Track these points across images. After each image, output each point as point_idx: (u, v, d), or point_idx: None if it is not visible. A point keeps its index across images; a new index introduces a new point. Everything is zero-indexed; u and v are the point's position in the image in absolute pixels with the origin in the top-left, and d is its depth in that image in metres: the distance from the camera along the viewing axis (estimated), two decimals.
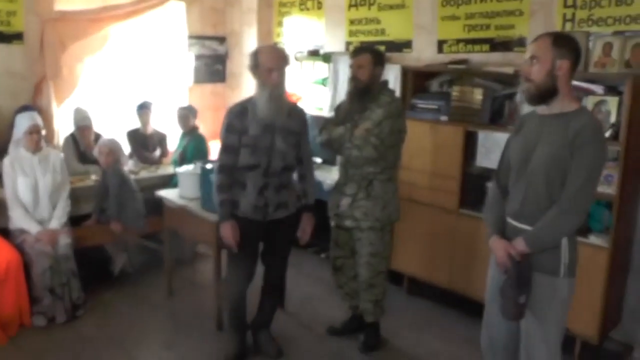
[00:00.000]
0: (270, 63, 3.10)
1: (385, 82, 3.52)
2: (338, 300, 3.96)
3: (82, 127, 4.98)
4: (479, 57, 4.34)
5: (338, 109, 3.61)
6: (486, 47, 4.32)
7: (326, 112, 5.31)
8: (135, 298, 4.39)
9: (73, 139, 5.01)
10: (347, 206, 3.48)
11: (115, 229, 4.49)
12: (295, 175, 3.44)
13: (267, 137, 3.17)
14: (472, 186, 4.10)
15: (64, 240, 4.07)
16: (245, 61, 3.24)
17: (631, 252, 3.70)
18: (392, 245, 3.61)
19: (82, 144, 5.01)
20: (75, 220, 4.48)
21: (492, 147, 3.84)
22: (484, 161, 3.93)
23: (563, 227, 2.31)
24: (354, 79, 3.43)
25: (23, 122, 4.12)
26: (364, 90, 3.40)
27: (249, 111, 3.19)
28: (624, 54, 3.43)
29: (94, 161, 4.85)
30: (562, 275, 2.35)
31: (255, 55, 3.16)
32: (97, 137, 5.03)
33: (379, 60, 3.43)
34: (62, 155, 4.48)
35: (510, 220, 2.49)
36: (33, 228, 4.03)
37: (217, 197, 3.24)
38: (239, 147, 3.18)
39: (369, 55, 3.40)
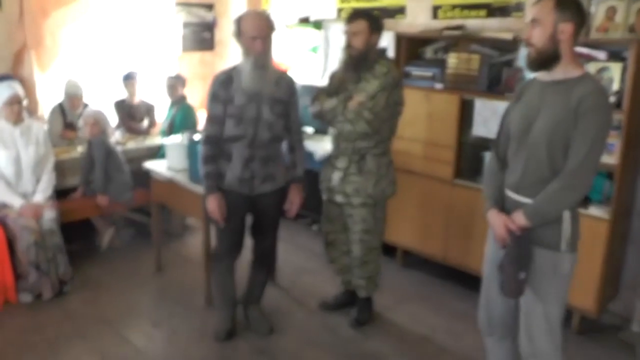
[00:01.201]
0: (253, 31, 2.92)
1: (383, 51, 3.29)
2: (330, 273, 3.86)
3: (73, 96, 4.82)
4: (476, 22, 4.17)
5: (332, 77, 3.39)
6: (483, 12, 4.14)
7: (318, 80, 5.15)
8: (123, 273, 4.28)
9: (61, 109, 4.85)
10: (339, 181, 3.34)
11: (102, 202, 4.37)
12: (284, 146, 3.30)
13: (252, 106, 3.02)
14: (468, 156, 3.99)
15: (49, 214, 3.93)
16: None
17: (631, 224, 3.60)
18: (385, 220, 3.49)
19: (70, 114, 4.86)
20: (61, 193, 4.36)
21: (489, 116, 3.71)
22: (481, 130, 3.80)
23: (566, 199, 2.18)
24: (348, 47, 3.21)
25: (2, 92, 3.93)
26: (360, 59, 3.19)
27: (234, 80, 3.03)
28: (628, 18, 3.27)
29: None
30: (564, 250, 2.24)
31: (239, 22, 2.98)
32: (85, 107, 4.88)
33: (376, 27, 3.20)
34: (45, 126, 4.31)
35: (509, 193, 2.36)
36: (16, 202, 3.89)
37: (203, 169, 3.11)
38: (224, 117, 3.04)
39: (365, 22, 3.16)
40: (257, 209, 3.26)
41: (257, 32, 2.93)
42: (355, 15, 3.22)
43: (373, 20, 3.21)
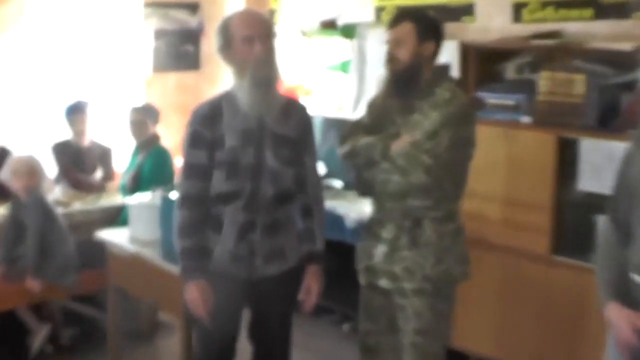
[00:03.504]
0: (247, 29, 3.00)
1: (444, 69, 3.33)
2: None
3: None
4: (578, 27, 4.23)
5: (371, 107, 3.43)
6: (588, 12, 4.19)
7: (349, 111, 5.19)
8: None
9: None
10: (383, 257, 3.31)
11: (33, 287, 4.36)
12: (297, 208, 3.30)
13: (250, 150, 3.03)
14: (572, 221, 3.99)
15: None
16: None
17: None
18: (452, 317, 3.44)
19: None
20: None
21: (602, 163, 3.71)
22: (590, 184, 3.81)
23: None
24: (391, 61, 3.23)
25: None
26: (407, 79, 3.19)
27: (223, 113, 3.07)
28: None
29: None
30: None
31: (226, 27, 3.08)
32: (4, 153, 4.92)
33: (428, 32, 3.20)
34: None
35: (637, 278, 2.34)
36: None
37: (179, 245, 3.11)
38: (209, 168, 3.05)
39: (412, 24, 3.16)
40: (259, 299, 3.25)
41: (251, 30, 3.00)
42: (399, 17, 3.25)
43: (423, 22, 3.22)
